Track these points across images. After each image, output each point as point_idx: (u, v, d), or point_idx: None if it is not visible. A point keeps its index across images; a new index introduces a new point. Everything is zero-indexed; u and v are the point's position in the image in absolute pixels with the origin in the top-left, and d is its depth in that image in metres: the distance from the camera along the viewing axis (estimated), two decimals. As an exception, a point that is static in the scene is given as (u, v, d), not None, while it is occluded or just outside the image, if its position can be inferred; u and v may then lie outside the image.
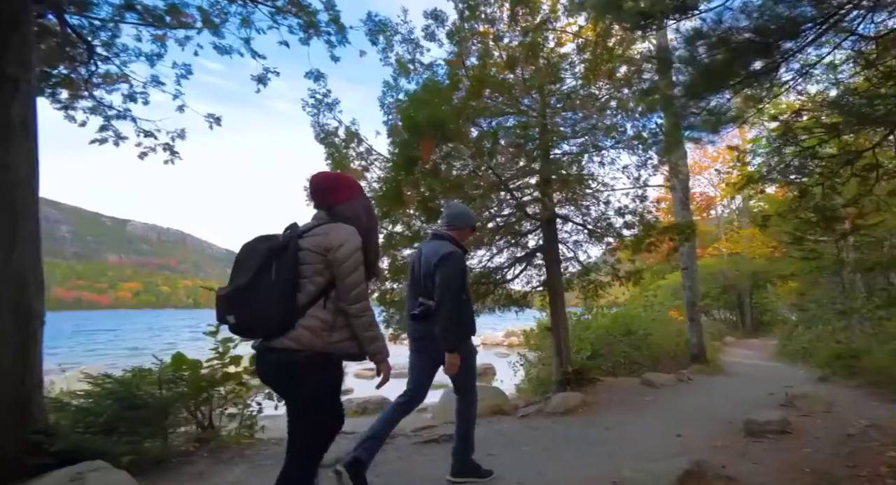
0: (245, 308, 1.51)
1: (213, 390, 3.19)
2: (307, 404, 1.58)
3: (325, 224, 1.63)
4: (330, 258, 1.56)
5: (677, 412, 4.69)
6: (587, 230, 7.17)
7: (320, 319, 1.54)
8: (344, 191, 1.71)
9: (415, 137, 3.59)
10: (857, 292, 10.74)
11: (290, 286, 1.53)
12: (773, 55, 2.36)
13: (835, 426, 3.73)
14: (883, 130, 2.83)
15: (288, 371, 1.55)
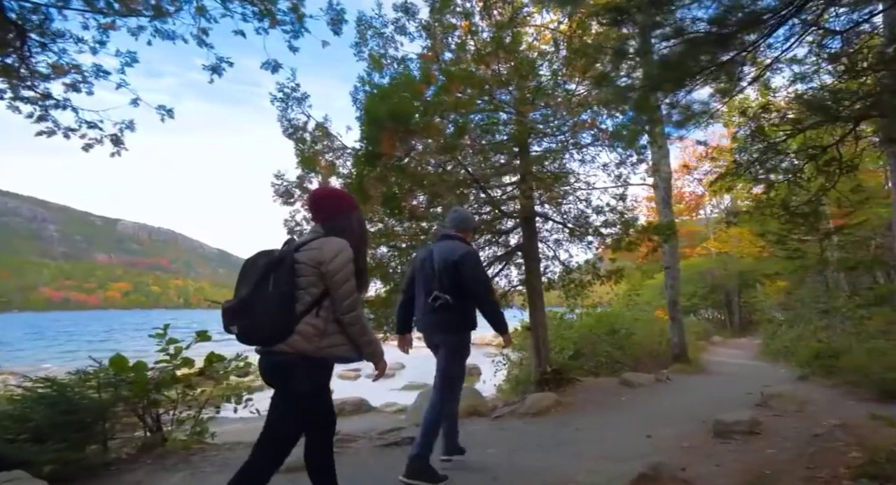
0: (246, 319, 1.65)
1: (159, 393, 3.05)
2: (297, 403, 1.70)
3: (319, 238, 1.75)
4: (323, 271, 1.68)
5: (651, 413, 4.63)
6: (567, 229, 7.12)
7: (313, 326, 1.66)
8: (339, 205, 1.86)
9: (377, 130, 3.48)
10: (840, 292, 10.82)
11: (287, 298, 1.65)
12: (731, 47, 2.29)
13: (804, 426, 3.68)
14: (846, 125, 2.78)
15: (281, 372, 1.68)
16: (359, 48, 5.12)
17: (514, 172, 6.59)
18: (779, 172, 3.29)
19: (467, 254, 2.68)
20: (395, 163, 3.73)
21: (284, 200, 4.50)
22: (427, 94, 4.37)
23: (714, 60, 2.52)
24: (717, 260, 20.51)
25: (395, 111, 3.37)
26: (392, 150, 3.60)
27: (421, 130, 3.66)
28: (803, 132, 2.92)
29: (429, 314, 2.73)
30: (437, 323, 2.73)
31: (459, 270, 2.62)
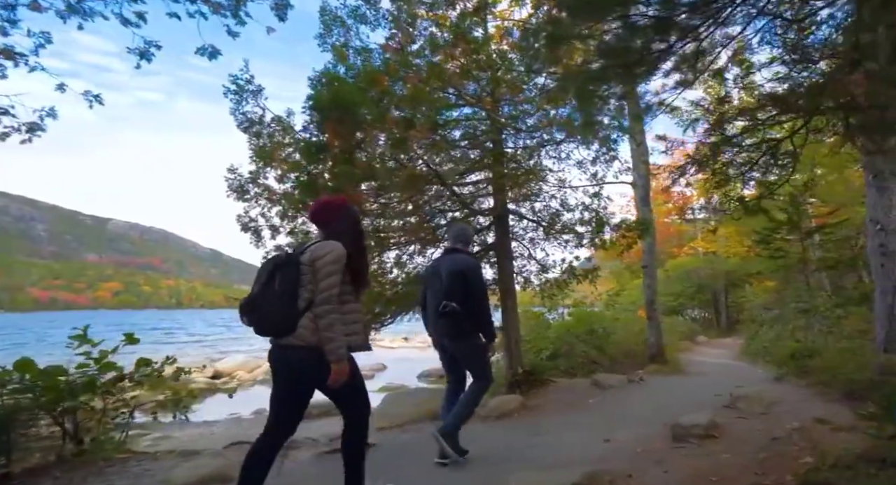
0: (255, 313, 1.88)
1: (74, 400, 2.85)
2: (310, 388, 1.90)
3: (319, 242, 1.97)
4: (314, 267, 1.87)
5: (616, 415, 4.51)
6: (542, 227, 7.00)
7: (312, 320, 1.83)
8: (331, 212, 2.07)
9: (321, 120, 3.33)
10: (822, 291, 10.80)
11: (289, 295, 1.83)
12: (673, 33, 2.16)
13: (766, 429, 3.58)
14: (800, 117, 2.68)
15: (289, 363, 1.87)
16: (323, 39, 4.96)
17: (487, 168, 6.47)
18: (734, 167, 3.19)
19: (472, 265, 3.10)
20: (343, 155, 3.58)
21: (238, 195, 4.33)
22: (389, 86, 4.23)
23: (656, 47, 2.40)
24: (704, 259, 20.52)
25: (339, 100, 3.21)
26: (337, 141, 3.45)
27: (371, 122, 3.51)
28: (759, 125, 2.82)
29: (438, 320, 3.06)
30: (444, 328, 3.06)
31: (466, 280, 2.97)
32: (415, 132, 3.52)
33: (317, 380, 1.84)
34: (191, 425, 6.25)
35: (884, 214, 5.30)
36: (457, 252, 3.18)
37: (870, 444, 2.32)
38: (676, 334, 13.01)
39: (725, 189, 3.43)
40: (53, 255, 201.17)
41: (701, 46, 2.76)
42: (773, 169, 3.22)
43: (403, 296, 6.21)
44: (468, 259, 3.13)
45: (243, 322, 1.92)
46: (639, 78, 2.54)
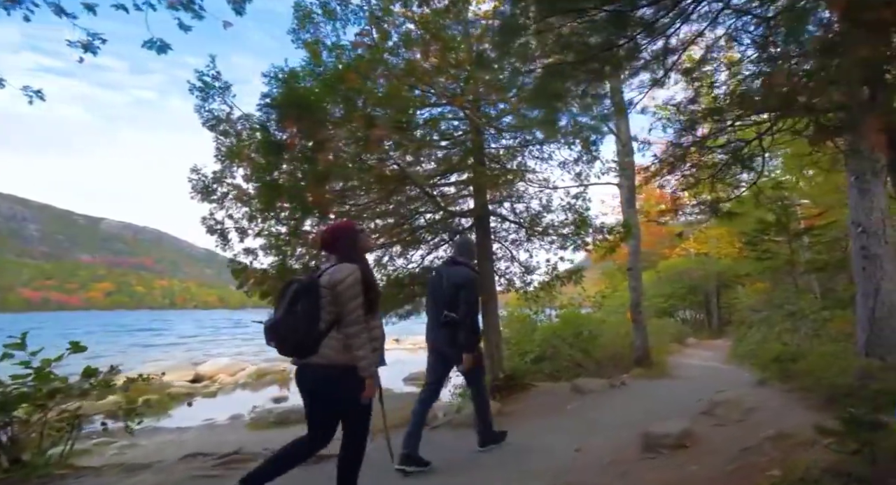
0: (280, 335, 1.99)
1: (8, 414, 2.69)
2: (336, 405, 2.04)
3: (335, 265, 2.09)
4: (335, 292, 1.99)
5: (592, 422, 4.41)
6: (524, 229, 6.90)
7: (336, 340, 1.97)
8: (339, 236, 2.19)
9: (280, 117, 3.21)
10: (810, 293, 10.76)
11: (312, 318, 1.95)
12: (631, 28, 2.05)
13: (740, 437, 3.48)
14: (769, 117, 2.58)
15: (312, 381, 2.01)
16: (297, 35, 4.83)
17: (467, 169, 6.37)
18: (704, 169, 3.10)
19: (470, 279, 3.29)
20: (305, 154, 3.45)
21: (203, 196, 4.18)
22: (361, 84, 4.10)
23: (623, 43, 2.29)
24: (695, 261, 20.50)
25: (298, 98, 3.09)
26: (297, 140, 3.33)
27: (333, 121, 3.39)
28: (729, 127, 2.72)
29: (437, 328, 3.29)
30: (444, 337, 3.27)
31: (461, 292, 3.18)
32: (377, 131, 3.40)
33: (336, 395, 2.01)
34: (162, 432, 6.10)
35: (865, 216, 5.25)
36: (458, 264, 3.40)
37: (838, 457, 2.22)
38: (666, 336, 12.94)
39: (695, 191, 3.34)
40: (45, 255, 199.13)
41: (668, 44, 2.66)
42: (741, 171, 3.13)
43: (386, 298, 6.08)
44: (467, 272, 3.33)
45: (268, 344, 2.04)
46: (605, 76, 2.43)
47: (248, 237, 4.36)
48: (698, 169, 3.12)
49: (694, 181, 3.15)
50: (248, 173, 4.39)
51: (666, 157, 3.03)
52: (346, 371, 1.96)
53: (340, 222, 2.62)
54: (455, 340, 3.21)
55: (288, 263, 4.11)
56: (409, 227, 6.07)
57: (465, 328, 3.22)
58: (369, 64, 3.87)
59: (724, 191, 3.57)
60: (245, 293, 4.50)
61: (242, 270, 4.41)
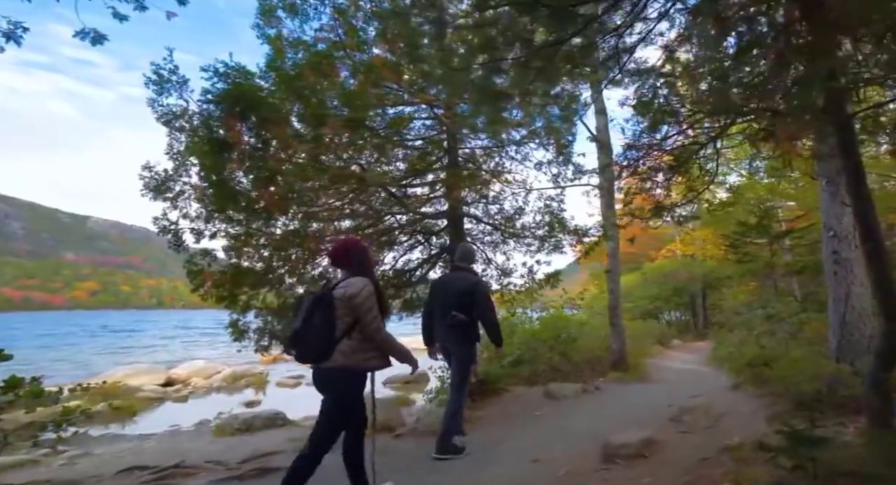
0: (301, 345, 2.23)
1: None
2: (338, 403, 2.27)
3: (347, 279, 2.30)
4: (352, 304, 2.20)
5: (557, 430, 4.31)
6: (499, 230, 6.80)
7: (348, 346, 2.20)
8: (349, 252, 2.42)
9: (222, 114, 3.07)
10: (789, 296, 10.80)
11: (329, 328, 2.18)
12: (570, 26, 1.94)
13: (703, 446, 3.40)
14: (725, 118, 2.51)
15: (327, 381, 2.26)
16: (261, 30, 4.67)
17: (440, 169, 6.25)
18: (660, 171, 3.03)
19: (479, 283, 3.63)
20: (252, 153, 3.31)
21: (156, 194, 4.00)
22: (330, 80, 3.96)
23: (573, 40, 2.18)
24: (681, 262, 20.60)
25: (241, 94, 2.95)
26: (242, 137, 3.18)
27: (283, 118, 3.25)
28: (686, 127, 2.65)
29: (446, 328, 3.56)
30: (451, 336, 3.56)
31: (473, 296, 3.48)
32: (328, 129, 3.26)
33: (344, 393, 2.25)
34: (122, 440, 5.88)
35: (837, 220, 5.22)
36: (461, 270, 3.73)
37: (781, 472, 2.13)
38: (649, 339, 12.94)
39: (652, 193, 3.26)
40: (29, 253, 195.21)
41: (622, 43, 2.56)
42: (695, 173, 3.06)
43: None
44: (474, 277, 3.71)
45: (288, 353, 2.38)
46: (554, 74, 2.33)
47: (204, 238, 4.20)
48: (654, 171, 3.05)
49: (651, 184, 3.08)
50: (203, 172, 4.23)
51: (623, 158, 2.95)
52: (350, 373, 2.23)
53: (350, 239, 2.89)
54: (462, 337, 3.53)
55: (243, 265, 3.95)
56: (378, 229, 5.93)
57: (495, 325, 3.61)
58: (329, 60, 3.73)
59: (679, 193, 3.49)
60: (201, 297, 4.32)
61: (199, 273, 4.24)
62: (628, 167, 2.97)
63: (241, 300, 4.18)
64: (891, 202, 10.24)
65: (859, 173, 2.51)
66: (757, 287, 13.40)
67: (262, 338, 4.76)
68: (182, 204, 3.99)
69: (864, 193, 2.54)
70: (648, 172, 2.99)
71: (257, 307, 4.70)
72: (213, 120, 3.35)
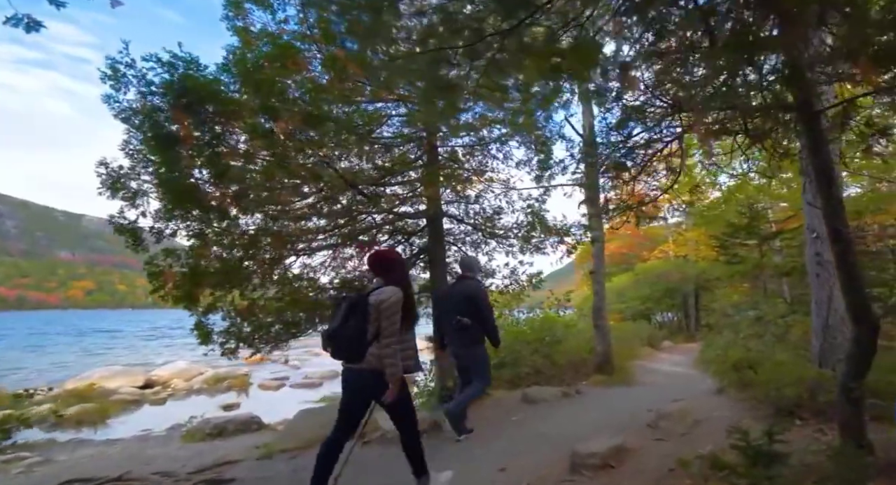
0: (336, 344, 2.43)
1: None
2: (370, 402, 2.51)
3: (380, 287, 2.46)
4: (380, 309, 2.35)
5: (530, 437, 4.18)
6: (480, 230, 6.68)
7: (379, 349, 2.34)
8: (386, 262, 2.62)
9: (170, 108, 2.92)
10: (778, 298, 10.72)
11: (362, 330, 2.36)
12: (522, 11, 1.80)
13: (674, 455, 3.27)
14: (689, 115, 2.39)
15: (360, 382, 2.44)
16: (230, 21, 4.52)
17: (419, 168, 6.12)
18: (626, 169, 2.91)
19: (480, 291, 4.01)
20: (204, 148, 3.16)
21: (113, 192, 3.84)
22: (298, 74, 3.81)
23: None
24: (673, 263, 20.52)
25: (188, 86, 2.81)
26: (190, 131, 3.04)
27: (235, 112, 3.11)
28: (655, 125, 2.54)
29: (453, 332, 3.92)
30: (459, 339, 3.93)
31: (475, 301, 3.84)
32: (283, 124, 3.12)
33: (375, 395, 2.44)
34: (88, 445, 5.71)
35: (819, 221, 5.11)
36: (465, 279, 4.10)
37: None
38: (638, 340, 12.83)
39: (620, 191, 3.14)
40: (23, 252, 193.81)
41: (583, 33, 2.43)
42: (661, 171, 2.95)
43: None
44: (476, 285, 4.06)
45: (325, 350, 2.49)
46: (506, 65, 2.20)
47: (164, 238, 4.04)
48: (621, 169, 2.92)
49: (620, 181, 2.96)
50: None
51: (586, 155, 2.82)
52: (381, 375, 2.38)
53: (386, 251, 3.10)
54: (468, 340, 3.89)
55: (204, 265, 3.80)
56: (356, 228, 5.79)
57: (495, 328, 4.02)
58: (293, 52, 3.58)
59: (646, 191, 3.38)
60: (161, 299, 4.18)
61: (160, 273, 4.09)
62: (594, 165, 2.84)
63: (201, 301, 4.04)
64: (882, 204, 10.18)
65: (829, 173, 2.39)
66: (749, 289, 13.34)
67: (229, 340, 4.61)
68: (140, 202, 3.84)
69: (835, 193, 2.42)
70: (615, 170, 2.86)
71: (223, 309, 4.55)
72: (158, 113, 3.20)
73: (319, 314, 5.94)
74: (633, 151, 2.79)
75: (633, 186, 2.98)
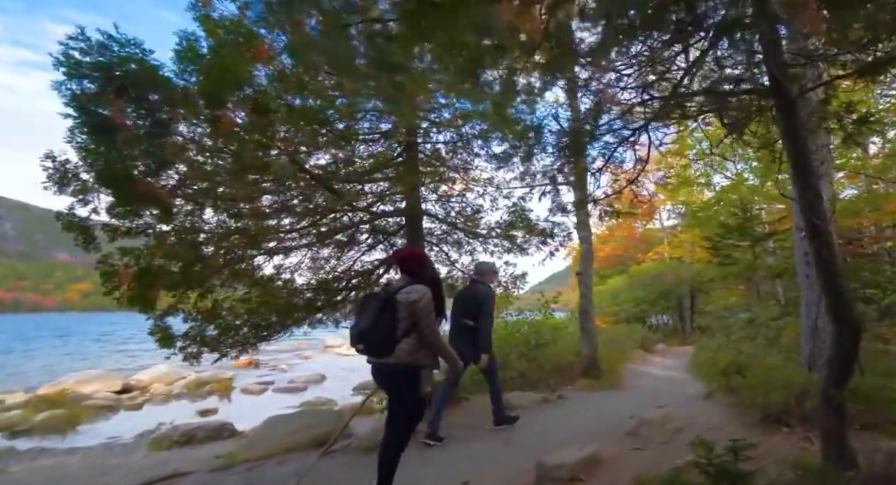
0: (367, 341, 2.54)
1: None
2: (402, 395, 2.60)
3: (408, 285, 2.56)
4: (413, 309, 2.49)
5: (502, 445, 3.97)
6: (461, 230, 6.48)
7: (408, 345, 2.50)
8: (415, 261, 2.72)
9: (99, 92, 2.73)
10: (771, 300, 10.52)
11: (392, 328, 2.49)
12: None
13: (651, 466, 3.08)
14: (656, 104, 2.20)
15: (390, 376, 2.59)
16: (195, 9, 4.33)
17: (397, 165, 5.93)
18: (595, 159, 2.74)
19: (487, 296, 4.24)
20: (143, 137, 2.96)
21: (61, 187, 3.63)
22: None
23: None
24: (668, 265, 20.30)
25: (124, 70, 2.61)
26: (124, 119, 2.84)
27: (177, 99, 2.91)
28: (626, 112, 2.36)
29: (462, 333, 4.18)
30: (463, 339, 4.14)
31: (479, 304, 4.13)
32: (225, 112, 2.92)
33: (404, 388, 2.55)
34: (47, 455, 5.47)
35: (808, 220, 4.93)
36: (476, 283, 4.38)
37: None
38: (631, 343, 12.61)
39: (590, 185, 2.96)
40: (21, 254, 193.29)
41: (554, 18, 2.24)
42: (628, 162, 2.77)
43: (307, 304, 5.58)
44: (484, 289, 4.28)
45: (355, 348, 2.58)
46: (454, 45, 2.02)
47: (118, 237, 3.83)
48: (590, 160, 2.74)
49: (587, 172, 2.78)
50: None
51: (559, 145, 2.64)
52: (409, 369, 2.50)
53: (413, 249, 3.21)
54: (473, 343, 4.11)
55: (156, 266, 3.59)
56: (330, 228, 5.59)
57: (485, 333, 4.16)
58: (250, 38, 3.39)
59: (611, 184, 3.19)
60: (115, 300, 3.96)
61: (114, 273, 3.87)
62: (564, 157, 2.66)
63: (159, 303, 3.83)
64: (878, 204, 10.00)
65: (806, 162, 2.20)
66: (745, 290, 13.14)
67: (190, 345, 4.39)
68: (91, 198, 3.63)
69: (812, 184, 2.23)
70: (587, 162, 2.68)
71: (184, 311, 4.34)
72: (85, 97, 3.00)
73: (294, 317, 5.73)
74: (599, 139, 2.61)
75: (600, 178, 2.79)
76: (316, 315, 6.12)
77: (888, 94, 10.24)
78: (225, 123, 2.92)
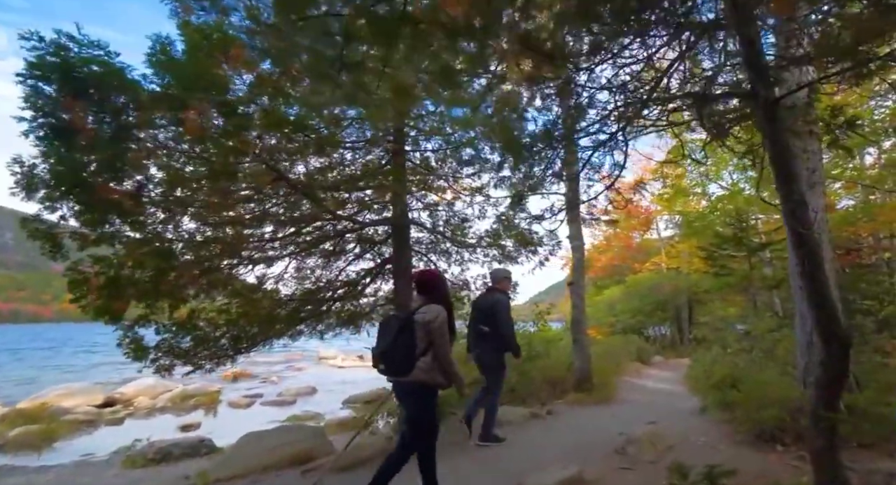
0: (388, 361, 2.67)
1: None
2: (416, 412, 2.72)
3: (424, 305, 2.71)
4: (428, 329, 2.64)
5: (481, 466, 3.79)
6: (449, 240, 6.36)
7: (425, 363, 2.63)
8: (430, 282, 2.84)
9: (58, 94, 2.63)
10: (768, 311, 10.36)
11: (411, 348, 2.62)
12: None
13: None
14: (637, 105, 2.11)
15: (407, 393, 2.72)
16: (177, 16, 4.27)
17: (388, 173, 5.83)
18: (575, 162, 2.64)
19: (501, 303, 4.26)
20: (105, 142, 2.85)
21: (29, 193, 3.50)
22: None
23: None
24: (666, 275, 20.10)
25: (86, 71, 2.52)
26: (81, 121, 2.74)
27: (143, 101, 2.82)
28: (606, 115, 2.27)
29: (477, 340, 4.33)
30: (480, 345, 4.31)
31: (495, 311, 4.20)
32: (192, 114, 2.82)
33: (420, 404, 2.67)
34: (17, 473, 5.25)
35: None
36: (492, 291, 4.45)
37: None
38: (627, 355, 12.37)
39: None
40: (20, 265, 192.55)
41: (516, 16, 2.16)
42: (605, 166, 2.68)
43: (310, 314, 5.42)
44: (499, 296, 4.33)
45: (377, 369, 2.69)
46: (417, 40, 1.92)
47: (88, 245, 3.71)
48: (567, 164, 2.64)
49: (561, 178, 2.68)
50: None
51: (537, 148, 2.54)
52: (425, 387, 2.62)
53: (429, 271, 3.26)
54: (489, 347, 4.24)
55: (125, 275, 3.45)
56: (315, 237, 5.47)
57: (508, 337, 4.25)
58: (225, 42, 3.31)
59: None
60: (82, 310, 3.82)
61: (84, 282, 3.74)
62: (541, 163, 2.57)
63: (122, 313, 3.69)
64: (874, 214, 9.92)
65: (788, 167, 2.09)
66: (742, 302, 12.97)
67: (162, 357, 4.23)
68: (59, 205, 3.51)
69: (795, 190, 2.11)
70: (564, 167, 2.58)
71: (156, 322, 4.19)
72: (40, 99, 2.90)
73: (277, 328, 5.57)
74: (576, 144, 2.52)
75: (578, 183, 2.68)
76: (298, 326, 5.97)
77: (884, 106, 10.23)
78: (191, 126, 2.83)
